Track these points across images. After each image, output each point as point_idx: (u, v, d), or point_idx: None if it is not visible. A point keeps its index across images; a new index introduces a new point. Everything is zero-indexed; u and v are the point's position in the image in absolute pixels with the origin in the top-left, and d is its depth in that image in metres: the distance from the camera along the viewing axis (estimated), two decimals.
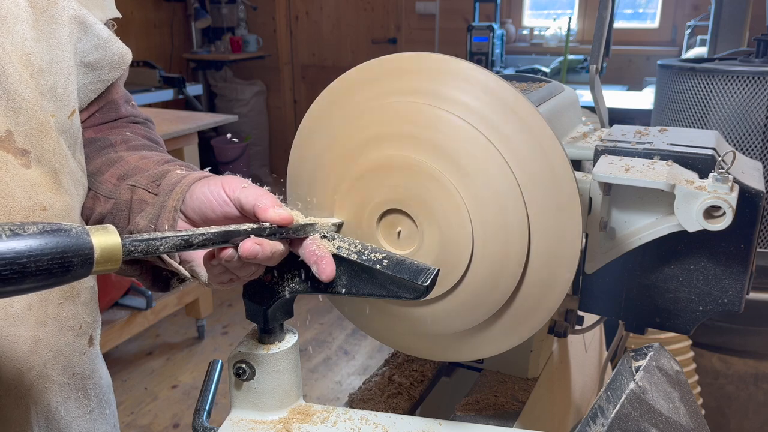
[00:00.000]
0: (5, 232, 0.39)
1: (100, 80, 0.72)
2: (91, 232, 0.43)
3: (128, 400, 2.47)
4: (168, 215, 0.62)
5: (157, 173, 0.67)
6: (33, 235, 0.40)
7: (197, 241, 0.51)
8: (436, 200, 0.58)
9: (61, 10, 0.64)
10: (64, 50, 0.64)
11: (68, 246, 0.41)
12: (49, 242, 0.40)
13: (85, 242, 0.42)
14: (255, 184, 0.60)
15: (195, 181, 0.63)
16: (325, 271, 0.56)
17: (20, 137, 0.59)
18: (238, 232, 0.54)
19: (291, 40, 4.79)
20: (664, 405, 0.52)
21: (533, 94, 0.77)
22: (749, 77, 1.34)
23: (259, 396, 0.66)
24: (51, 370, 0.64)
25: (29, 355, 0.62)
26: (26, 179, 0.60)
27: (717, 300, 0.66)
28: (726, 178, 0.59)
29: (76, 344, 0.67)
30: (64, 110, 0.64)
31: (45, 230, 0.41)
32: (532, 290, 0.60)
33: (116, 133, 0.76)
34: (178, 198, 0.62)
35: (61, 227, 0.42)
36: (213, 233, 0.52)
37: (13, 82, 0.58)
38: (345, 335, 2.96)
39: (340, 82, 0.64)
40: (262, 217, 0.56)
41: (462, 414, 0.74)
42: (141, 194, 0.66)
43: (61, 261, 0.41)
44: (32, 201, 0.60)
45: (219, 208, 0.60)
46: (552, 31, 3.93)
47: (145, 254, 0.47)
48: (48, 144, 0.61)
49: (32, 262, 0.39)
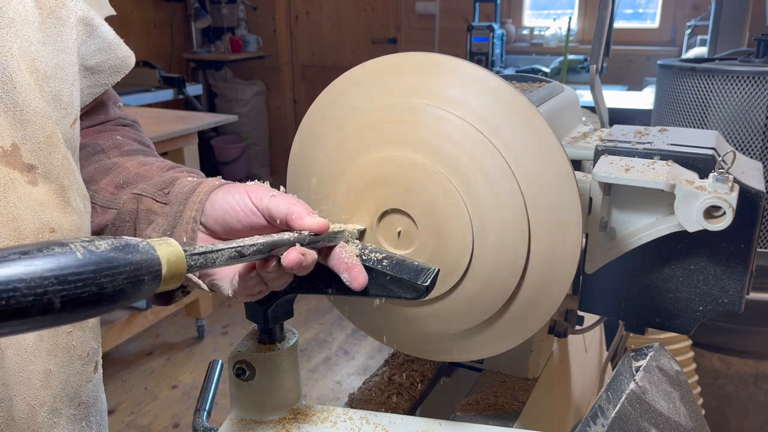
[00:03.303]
0: (78, 249, 0.34)
1: (98, 84, 0.67)
2: (155, 246, 0.39)
3: (128, 400, 2.47)
4: (186, 227, 0.58)
5: (164, 181, 0.63)
6: (106, 252, 0.36)
7: (249, 252, 0.48)
8: (436, 200, 0.58)
9: (69, 11, 0.60)
10: (71, 54, 0.60)
11: (140, 262, 0.37)
12: (123, 259, 0.36)
13: (154, 257, 0.38)
14: (281, 191, 0.57)
15: (213, 189, 0.59)
16: (357, 280, 0.54)
17: (27, 151, 0.54)
18: (283, 242, 0.51)
19: (291, 40, 4.79)
20: (664, 405, 0.52)
21: (533, 94, 0.77)
22: (749, 77, 1.34)
23: (259, 396, 0.66)
24: (60, 404, 0.60)
25: (41, 390, 0.57)
26: (34, 198, 0.55)
27: (717, 300, 0.66)
28: (726, 178, 0.59)
29: (83, 373, 0.62)
30: (67, 119, 0.59)
31: (116, 246, 0.36)
32: (532, 290, 0.60)
33: (106, 137, 0.71)
34: (197, 208, 0.58)
35: (128, 242, 0.37)
36: (262, 244, 0.49)
37: (21, 91, 0.53)
38: (345, 335, 2.96)
39: (341, 82, 0.64)
40: (298, 226, 0.53)
41: (462, 414, 0.74)
42: (148, 204, 0.62)
43: (135, 279, 0.37)
44: (41, 222, 0.55)
45: (246, 219, 0.56)
46: (552, 31, 3.93)
47: (202, 268, 0.44)
48: (56, 158, 0.57)
49: (109, 282, 0.35)
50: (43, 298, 0.32)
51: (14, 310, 0.31)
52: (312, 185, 0.66)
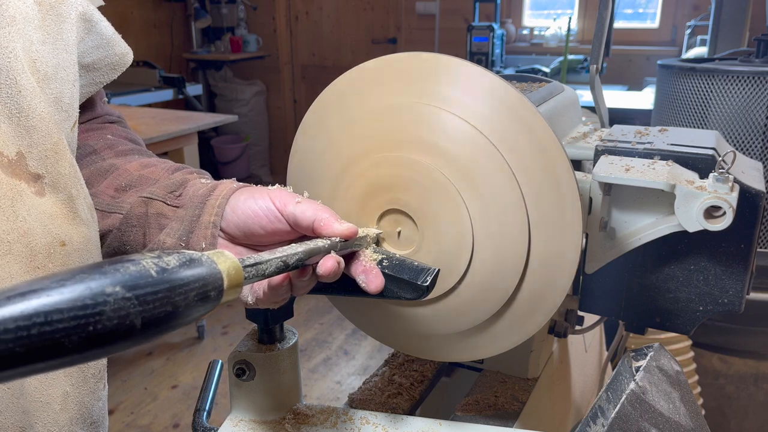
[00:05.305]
0: (151, 267, 0.32)
1: (94, 83, 0.64)
2: (214, 259, 0.38)
3: (128, 400, 2.47)
4: (204, 231, 0.55)
5: (174, 183, 0.60)
6: (177, 269, 0.34)
7: (292, 261, 0.47)
8: (436, 200, 0.58)
9: (69, 6, 0.56)
10: (71, 53, 0.57)
11: (206, 277, 0.36)
12: (191, 275, 0.34)
13: (217, 271, 0.37)
14: (304, 196, 0.55)
15: (231, 192, 0.57)
16: (374, 283, 0.53)
17: (32, 160, 0.51)
18: (318, 250, 0.50)
19: (291, 40, 4.79)
20: (664, 405, 0.52)
21: (533, 94, 0.77)
22: (749, 77, 1.34)
23: (259, 396, 0.66)
24: (75, 426, 0.58)
25: (60, 414, 0.56)
26: (42, 210, 0.52)
27: (717, 300, 0.66)
28: (726, 178, 0.59)
29: (95, 391, 0.61)
30: (68, 122, 0.56)
31: (184, 262, 0.35)
32: (532, 290, 0.60)
33: (96, 136, 0.68)
34: (216, 213, 0.55)
35: (192, 256, 0.36)
36: (303, 252, 0.48)
37: (26, 95, 0.50)
38: (345, 335, 2.96)
39: (340, 82, 0.64)
40: (327, 232, 0.51)
41: (462, 414, 0.74)
42: (158, 207, 0.59)
43: (203, 295, 0.35)
44: (51, 236, 0.52)
45: (269, 225, 0.54)
46: (552, 31, 3.93)
47: (254, 280, 0.43)
48: (63, 167, 0.53)
49: (182, 299, 0.33)
50: (126, 321, 0.30)
51: (99, 335, 0.29)
52: (312, 185, 0.66)
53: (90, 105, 0.70)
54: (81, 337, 0.28)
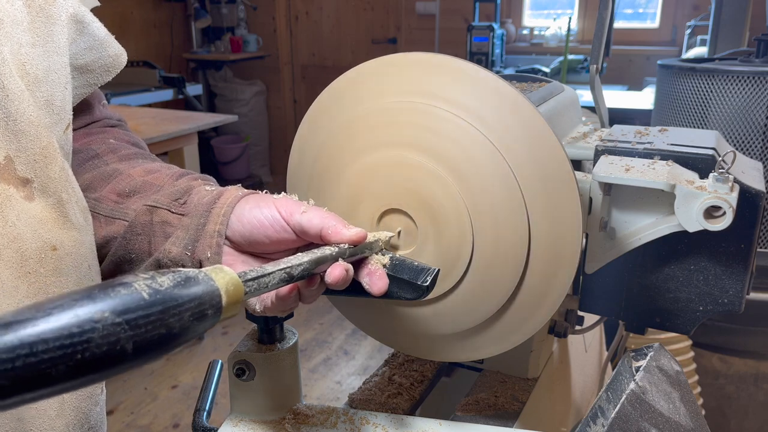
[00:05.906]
0: (144, 289, 0.32)
1: (87, 85, 0.63)
2: (212, 276, 0.37)
3: (128, 400, 2.47)
4: (209, 240, 0.55)
5: (178, 190, 0.59)
6: (170, 289, 0.33)
7: (297, 272, 0.46)
8: (436, 200, 0.58)
9: (60, 8, 0.56)
10: (62, 55, 0.56)
11: (202, 296, 0.35)
12: (186, 294, 0.33)
13: (214, 289, 0.36)
14: (309, 204, 0.55)
15: (237, 201, 0.56)
16: (378, 285, 0.52)
17: (21, 164, 0.50)
18: (326, 258, 0.49)
19: (291, 40, 4.79)
20: (664, 405, 0.52)
21: (533, 94, 0.77)
22: (749, 77, 1.34)
23: (259, 396, 0.66)
24: (72, 431, 0.57)
25: (56, 419, 0.55)
26: (32, 215, 0.51)
27: (717, 300, 0.66)
28: (726, 178, 0.59)
29: (92, 397, 0.60)
30: (60, 125, 0.55)
31: (179, 281, 0.34)
32: (532, 290, 0.60)
33: (98, 140, 0.67)
34: (221, 221, 0.55)
35: (188, 274, 0.35)
36: (308, 262, 0.47)
37: (14, 99, 0.49)
38: (345, 335, 2.96)
39: (340, 83, 0.64)
40: (336, 239, 0.51)
41: (462, 414, 0.74)
42: (163, 215, 0.58)
43: (199, 314, 0.34)
44: (41, 241, 0.52)
45: (275, 234, 0.53)
46: (552, 31, 3.93)
47: (256, 294, 0.43)
48: (53, 171, 0.53)
49: (176, 321, 0.32)
50: (116, 346, 0.29)
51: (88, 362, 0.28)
52: (312, 185, 0.66)
53: (88, 108, 0.69)
54: (69, 366, 0.28)
